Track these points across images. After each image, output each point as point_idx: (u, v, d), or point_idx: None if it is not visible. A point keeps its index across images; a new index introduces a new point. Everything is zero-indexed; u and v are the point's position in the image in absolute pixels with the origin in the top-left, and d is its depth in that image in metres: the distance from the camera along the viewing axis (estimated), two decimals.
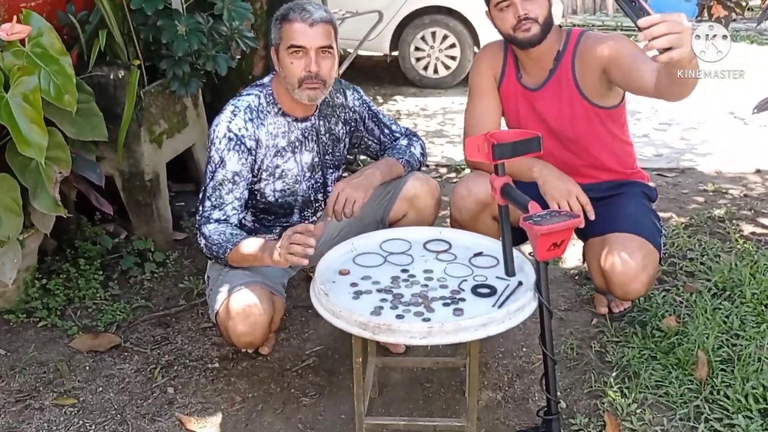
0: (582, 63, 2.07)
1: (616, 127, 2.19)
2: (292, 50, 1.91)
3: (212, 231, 1.94)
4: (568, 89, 2.10)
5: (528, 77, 2.15)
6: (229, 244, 1.90)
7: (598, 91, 2.09)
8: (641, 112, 5.15)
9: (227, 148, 1.95)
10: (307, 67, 1.91)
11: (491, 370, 2.11)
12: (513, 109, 2.19)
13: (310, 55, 1.91)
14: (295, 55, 1.91)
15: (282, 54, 1.94)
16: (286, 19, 1.92)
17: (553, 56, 2.10)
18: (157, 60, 2.75)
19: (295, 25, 1.90)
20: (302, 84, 1.93)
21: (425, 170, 3.89)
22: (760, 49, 6.83)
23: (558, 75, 2.10)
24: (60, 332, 2.34)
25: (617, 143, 2.21)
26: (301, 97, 1.96)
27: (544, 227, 1.48)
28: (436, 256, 1.86)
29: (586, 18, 9.21)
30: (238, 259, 1.90)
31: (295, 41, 1.90)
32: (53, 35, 2.24)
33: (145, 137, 2.71)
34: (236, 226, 1.99)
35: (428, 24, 6.02)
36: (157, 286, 2.64)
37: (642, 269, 2.00)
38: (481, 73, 2.21)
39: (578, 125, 2.13)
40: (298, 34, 1.90)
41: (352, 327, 1.54)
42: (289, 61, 1.92)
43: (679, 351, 2.06)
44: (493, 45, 2.24)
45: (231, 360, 2.19)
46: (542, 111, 2.14)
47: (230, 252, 1.90)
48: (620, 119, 2.21)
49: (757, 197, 3.37)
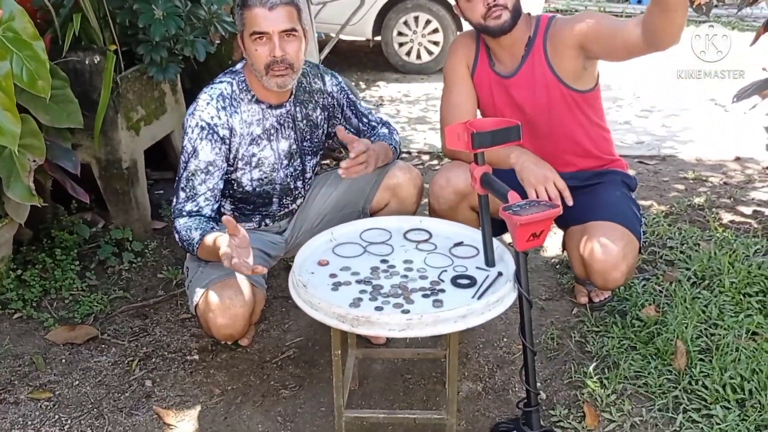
0: (555, 45, 2.06)
1: (591, 111, 2.18)
2: (255, 37, 1.87)
3: (183, 226, 1.92)
4: (543, 74, 2.09)
5: (501, 65, 2.14)
6: (194, 242, 1.88)
7: (573, 72, 2.08)
8: (623, 98, 5.16)
9: (200, 137, 1.92)
10: (272, 53, 1.86)
11: (472, 360, 2.11)
12: (488, 97, 2.18)
13: (274, 40, 1.86)
14: (258, 42, 1.87)
15: (246, 41, 1.90)
16: (245, 5, 1.87)
17: (524, 43, 2.09)
18: (134, 45, 2.69)
19: (255, 10, 1.85)
20: (269, 70, 1.89)
21: (407, 157, 3.87)
22: (741, 35, 6.84)
23: (531, 61, 2.09)
24: (36, 324, 2.30)
25: (594, 128, 2.20)
26: (270, 84, 1.92)
27: (523, 217, 1.48)
28: (417, 246, 1.84)
29: (569, 2, 9.19)
30: (205, 255, 1.88)
31: (256, 27, 1.86)
32: (26, 19, 2.17)
33: (122, 124, 2.66)
34: (210, 218, 1.96)
35: (411, 9, 5.98)
36: (135, 277, 2.60)
37: (622, 258, 2.00)
38: (455, 63, 2.21)
39: (554, 110, 2.12)
40: (258, 20, 1.85)
41: (330, 319, 1.52)
42: (254, 48, 1.88)
43: (658, 341, 2.07)
44: (465, 35, 2.24)
45: (210, 352, 2.17)
46: (518, 98, 2.13)
47: (197, 249, 1.88)
48: (596, 103, 2.20)
49: (736, 185, 3.39)
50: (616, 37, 1.94)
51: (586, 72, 2.11)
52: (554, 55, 2.07)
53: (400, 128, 4.50)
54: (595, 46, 2.01)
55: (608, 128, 2.29)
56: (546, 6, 8.52)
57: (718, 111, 4.81)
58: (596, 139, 2.23)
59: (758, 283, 2.35)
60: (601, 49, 2.01)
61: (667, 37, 1.79)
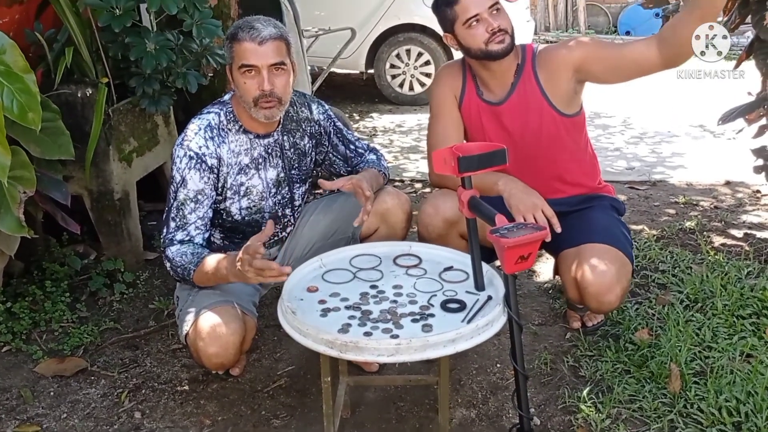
0: (548, 70, 2.10)
1: (579, 136, 2.21)
2: (244, 70, 1.89)
3: (175, 253, 1.91)
4: (535, 99, 2.12)
5: (490, 93, 2.17)
6: (191, 266, 1.87)
7: (565, 96, 2.11)
8: (613, 126, 5.20)
9: (188, 167, 1.93)
10: (260, 86, 1.88)
11: (465, 387, 2.09)
12: (477, 125, 2.20)
13: (263, 74, 1.88)
14: (247, 75, 1.89)
15: (235, 74, 1.92)
16: (235, 39, 1.89)
17: (513, 70, 2.13)
18: (127, 78, 2.72)
19: (245, 44, 1.87)
20: (257, 103, 1.91)
21: (400, 185, 3.89)
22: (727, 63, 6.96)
23: (521, 87, 2.12)
24: (24, 357, 2.28)
25: (581, 153, 2.23)
26: (258, 116, 1.94)
27: (511, 240, 1.48)
28: (406, 271, 1.84)
29: (558, 34, 9.33)
30: (203, 279, 1.87)
31: (245, 61, 1.88)
32: (17, 52, 2.19)
33: (114, 155, 2.68)
34: (201, 246, 1.95)
35: (403, 42, 6.06)
36: (126, 308, 2.58)
37: (617, 280, 2.00)
38: (441, 92, 2.23)
39: (545, 135, 2.14)
40: (248, 53, 1.87)
41: (318, 345, 1.51)
42: (242, 80, 1.90)
43: (652, 364, 2.06)
44: (450, 65, 2.27)
45: (201, 382, 2.14)
46: (508, 124, 2.15)
47: (194, 273, 1.87)
48: (582, 129, 2.23)
49: (727, 209, 3.41)
50: (623, 56, 1.99)
51: (576, 96, 2.15)
52: (546, 79, 2.10)
53: (392, 157, 4.54)
54: (596, 67, 2.05)
55: (595, 154, 2.31)
56: (536, 38, 8.65)
57: (707, 136, 4.85)
58: (584, 165, 2.25)
59: (751, 305, 2.35)
60: (602, 69, 2.05)
61: (688, 52, 1.85)
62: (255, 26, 1.88)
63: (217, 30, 2.79)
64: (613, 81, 2.12)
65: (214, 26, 2.78)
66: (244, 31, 1.88)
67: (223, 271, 1.78)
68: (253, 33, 1.86)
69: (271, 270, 1.65)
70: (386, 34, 6.05)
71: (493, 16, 2.03)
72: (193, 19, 2.71)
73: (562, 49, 2.10)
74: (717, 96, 5.24)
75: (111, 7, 2.54)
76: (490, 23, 2.02)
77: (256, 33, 1.86)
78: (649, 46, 1.93)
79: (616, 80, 2.10)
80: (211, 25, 2.76)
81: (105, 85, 2.58)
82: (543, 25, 9.65)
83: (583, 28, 9.56)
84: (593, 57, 2.05)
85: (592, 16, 9.76)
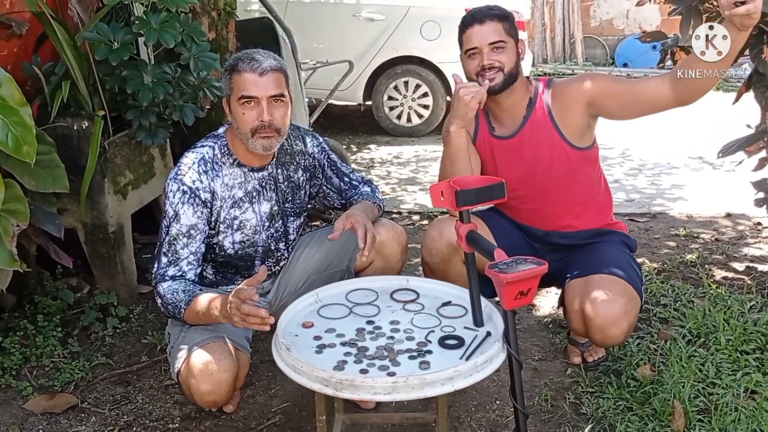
0: (560, 103, 2.10)
1: (592, 170, 2.20)
2: (243, 101, 1.88)
3: (166, 290, 1.88)
4: (547, 132, 2.11)
5: (502, 128, 2.18)
6: (182, 304, 1.84)
7: (578, 129, 2.11)
8: (612, 157, 5.21)
9: (181, 201, 1.91)
10: (260, 117, 1.88)
11: (464, 424, 2.04)
12: (490, 161, 2.21)
13: (262, 105, 1.88)
14: (246, 106, 1.89)
15: (234, 105, 1.91)
16: (235, 70, 1.89)
17: (525, 104, 2.13)
18: (123, 110, 2.72)
19: (245, 75, 1.87)
20: (255, 134, 1.90)
21: (397, 217, 3.87)
22: (726, 95, 6.99)
23: (533, 120, 2.12)
24: (14, 393, 2.23)
25: (594, 188, 2.22)
26: (256, 147, 1.92)
27: (510, 275, 1.45)
28: (404, 307, 1.81)
29: (556, 67, 9.40)
30: (194, 318, 1.84)
31: (245, 92, 1.87)
32: (13, 86, 2.19)
33: (110, 188, 2.66)
34: (193, 282, 1.92)
35: (401, 74, 6.09)
36: (119, 342, 2.54)
37: (624, 314, 1.97)
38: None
39: (556, 169, 2.13)
40: (248, 85, 1.87)
41: (313, 383, 1.47)
42: (241, 111, 1.89)
43: (655, 401, 2.01)
44: None
45: (193, 419, 2.09)
46: (519, 158, 2.15)
47: (185, 311, 1.84)
48: (595, 162, 2.23)
49: (728, 241, 3.38)
50: (638, 93, 2.00)
51: (588, 130, 2.15)
52: (559, 113, 2.10)
53: (390, 189, 4.52)
54: (609, 102, 2.05)
55: (609, 188, 2.30)
56: (533, 70, 8.72)
57: (707, 168, 4.85)
58: (597, 199, 2.24)
59: (755, 340, 2.31)
60: (616, 104, 2.05)
61: (703, 91, 1.89)
62: (255, 58, 1.88)
63: (214, 63, 2.79)
64: (625, 117, 2.11)
65: (212, 59, 2.78)
66: (244, 63, 1.88)
67: (215, 312, 1.75)
68: (254, 64, 1.86)
69: (255, 318, 1.61)
70: (384, 66, 6.08)
71: (493, 53, 2.05)
72: (190, 52, 2.71)
73: (576, 83, 2.10)
74: (715, 127, 5.28)
75: (109, 41, 2.54)
76: (483, 59, 2.05)
77: (256, 64, 1.87)
78: (663, 83, 1.94)
79: (628, 116, 2.10)
80: (208, 58, 2.77)
81: (101, 117, 2.57)
82: (541, 57, 9.73)
83: (580, 60, 9.63)
84: (607, 92, 2.05)
85: (589, 48, 9.85)
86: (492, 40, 2.04)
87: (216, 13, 3.18)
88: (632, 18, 9.86)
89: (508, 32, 2.07)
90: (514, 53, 2.08)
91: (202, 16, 3.11)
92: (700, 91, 1.90)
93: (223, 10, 3.23)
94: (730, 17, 1.68)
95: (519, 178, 2.12)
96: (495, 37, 2.04)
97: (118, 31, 2.57)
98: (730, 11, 1.66)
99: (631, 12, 9.80)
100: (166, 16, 2.60)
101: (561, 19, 9.75)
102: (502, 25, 2.06)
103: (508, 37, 2.07)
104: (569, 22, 9.75)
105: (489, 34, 2.04)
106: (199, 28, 2.76)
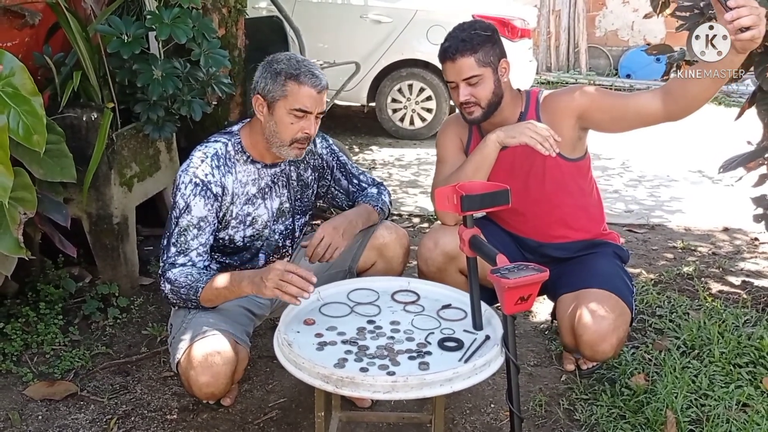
0: (551, 116, 2.11)
1: (584, 181, 2.21)
2: (296, 112, 1.91)
3: (178, 274, 1.90)
4: None
5: None
6: (200, 284, 1.86)
7: (569, 141, 2.12)
8: (612, 168, 5.24)
9: (193, 193, 1.93)
10: (306, 129, 1.92)
11: (458, 426, 2.07)
12: None
13: (310, 119, 1.92)
14: (296, 116, 1.91)
15: (280, 110, 1.92)
16: (295, 80, 1.89)
17: (516, 118, 2.14)
18: (132, 103, 2.74)
19: (305, 88, 1.89)
20: (294, 143, 1.94)
21: (398, 219, 3.89)
22: (728, 110, 7.03)
23: None
24: (14, 379, 2.25)
25: (586, 198, 2.23)
26: (288, 154, 1.97)
27: (512, 280, 1.47)
28: (404, 308, 1.83)
29: (560, 75, 9.43)
30: (213, 296, 1.86)
31: (303, 106, 1.90)
32: (25, 75, 2.21)
33: (115, 180, 2.68)
34: (202, 270, 1.95)
35: (405, 76, 6.12)
36: (119, 333, 2.56)
37: (613, 330, 1.99)
38: (449, 138, 2.26)
39: (549, 180, 2.15)
40: (306, 99, 1.90)
41: (314, 379, 1.50)
42: (289, 120, 1.92)
43: (647, 410, 2.04)
44: (457, 115, 2.29)
45: (191, 411, 2.12)
46: (511, 169, 2.16)
47: (202, 290, 1.85)
48: (588, 174, 2.24)
49: (725, 255, 3.41)
50: (627, 107, 2.02)
51: (579, 141, 2.16)
52: (550, 125, 2.10)
53: (391, 191, 4.53)
54: (599, 115, 2.06)
55: (601, 199, 2.31)
56: (537, 77, 8.75)
57: (706, 182, 4.88)
58: (589, 210, 2.25)
59: (748, 354, 2.34)
60: (605, 118, 2.07)
61: (694, 108, 1.91)
62: (315, 74, 1.90)
63: (224, 60, 2.82)
64: (614, 130, 2.13)
65: (222, 56, 2.81)
66: (306, 76, 1.89)
67: (244, 281, 1.78)
68: (315, 81, 1.90)
69: (292, 287, 1.66)
70: (389, 68, 6.10)
71: (469, 87, 2.05)
72: (201, 49, 2.74)
73: (566, 96, 2.12)
74: (716, 142, 5.31)
75: (120, 34, 2.57)
76: (459, 96, 2.07)
77: (317, 81, 1.90)
78: (654, 98, 1.96)
79: (617, 130, 2.12)
80: (219, 55, 2.80)
81: (110, 110, 2.60)
82: (545, 65, 9.76)
83: (584, 69, 9.67)
84: (596, 106, 2.06)
85: (593, 59, 9.88)
86: (465, 76, 2.04)
87: (226, 10, 3.20)
88: (637, 30, 9.91)
89: (482, 63, 2.03)
90: (492, 81, 2.06)
91: (213, 12, 3.13)
92: (690, 107, 1.91)
93: (234, 8, 3.25)
94: (735, 41, 1.71)
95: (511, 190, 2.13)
96: (468, 73, 2.03)
97: (130, 25, 2.60)
98: (735, 36, 1.68)
99: (636, 24, 9.84)
100: (178, 12, 2.63)
101: (566, 28, 9.79)
102: (474, 58, 2.02)
103: (483, 68, 2.03)
104: (574, 31, 9.79)
105: (461, 70, 2.04)
106: (210, 25, 2.79)
